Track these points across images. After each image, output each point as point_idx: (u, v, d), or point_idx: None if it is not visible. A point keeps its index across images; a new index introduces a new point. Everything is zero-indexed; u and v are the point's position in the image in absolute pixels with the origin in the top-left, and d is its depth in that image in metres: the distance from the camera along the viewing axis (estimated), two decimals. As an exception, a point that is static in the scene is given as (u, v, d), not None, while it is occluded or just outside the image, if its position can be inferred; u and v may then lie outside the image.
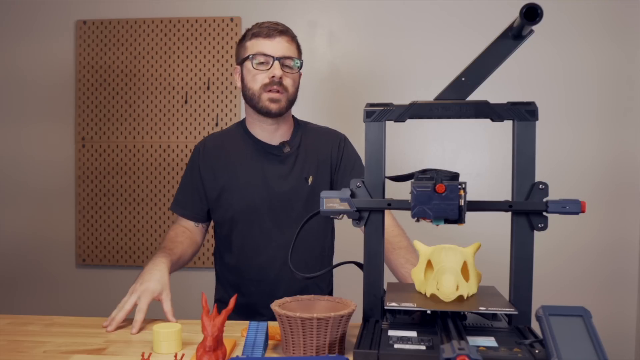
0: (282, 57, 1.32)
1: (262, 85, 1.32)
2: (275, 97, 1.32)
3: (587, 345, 0.70)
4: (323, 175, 1.40)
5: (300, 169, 1.39)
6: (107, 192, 2.44)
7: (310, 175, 1.38)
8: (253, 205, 1.37)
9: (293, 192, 1.37)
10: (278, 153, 1.38)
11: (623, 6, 2.23)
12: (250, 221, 1.38)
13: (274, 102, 1.32)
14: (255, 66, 1.31)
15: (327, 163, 1.41)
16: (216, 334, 0.84)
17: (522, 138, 0.91)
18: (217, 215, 1.43)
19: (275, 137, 1.40)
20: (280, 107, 1.33)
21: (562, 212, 0.88)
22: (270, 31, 1.32)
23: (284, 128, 1.41)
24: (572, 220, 2.06)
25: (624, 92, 2.25)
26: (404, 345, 0.80)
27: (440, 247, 0.95)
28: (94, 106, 2.44)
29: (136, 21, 2.42)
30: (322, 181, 1.40)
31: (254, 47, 1.33)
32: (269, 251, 1.38)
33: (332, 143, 1.43)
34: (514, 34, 0.89)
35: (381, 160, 0.94)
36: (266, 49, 1.31)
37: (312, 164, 1.39)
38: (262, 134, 1.40)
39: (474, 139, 2.30)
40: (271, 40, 1.32)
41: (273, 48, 1.31)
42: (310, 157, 1.40)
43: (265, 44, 1.31)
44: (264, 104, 1.32)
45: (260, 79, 1.32)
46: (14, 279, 2.50)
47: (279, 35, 1.32)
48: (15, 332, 1.09)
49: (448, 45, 2.29)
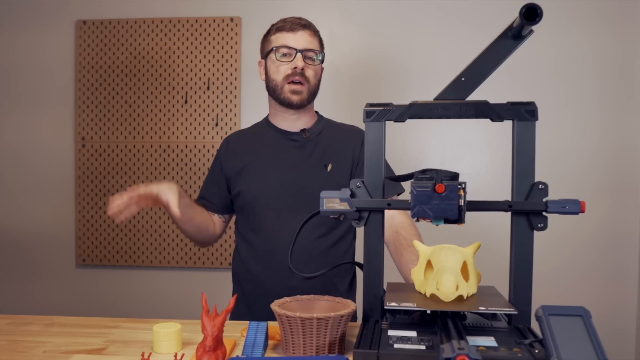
0: (304, 49, 1.37)
1: (284, 76, 1.37)
2: (298, 88, 1.37)
3: (587, 345, 0.70)
4: (342, 166, 1.41)
5: (319, 155, 1.41)
6: (107, 192, 2.44)
7: (329, 162, 1.40)
8: (269, 188, 1.39)
9: (311, 177, 1.38)
10: (297, 138, 1.42)
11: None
12: (266, 204, 1.39)
13: (296, 94, 1.37)
14: (279, 58, 1.37)
15: (349, 156, 1.42)
16: (216, 333, 0.84)
17: (522, 138, 0.91)
18: (236, 204, 1.46)
19: (297, 125, 1.44)
20: (302, 98, 1.38)
21: (561, 212, 0.88)
22: (294, 25, 1.38)
23: (306, 118, 1.45)
24: (572, 219, 2.07)
25: (623, 82, 2.24)
26: (403, 345, 0.80)
27: (440, 247, 0.95)
28: (94, 106, 2.44)
29: (136, 21, 2.42)
30: (342, 171, 1.40)
31: (277, 40, 1.38)
32: (283, 235, 1.37)
33: (356, 138, 1.44)
34: (513, 34, 0.89)
35: (381, 160, 0.94)
36: (289, 41, 1.37)
37: (332, 153, 1.41)
38: (284, 123, 1.45)
39: (474, 139, 2.30)
40: (294, 34, 1.37)
41: (296, 41, 1.37)
42: (330, 147, 1.42)
43: (289, 37, 1.37)
44: (286, 95, 1.38)
45: (283, 70, 1.37)
46: (14, 278, 2.50)
47: (301, 29, 1.38)
48: (15, 332, 1.09)
49: (448, 45, 2.29)
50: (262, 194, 1.39)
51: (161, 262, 2.42)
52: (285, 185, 1.38)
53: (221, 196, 1.47)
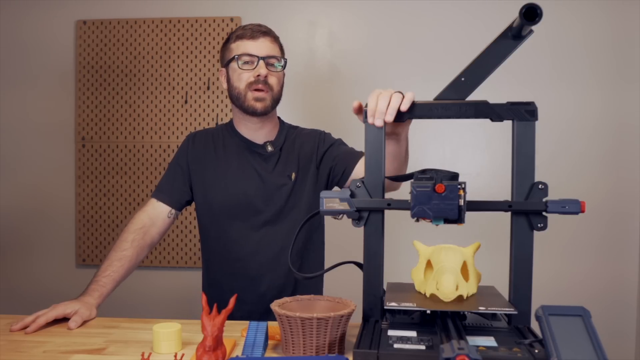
0: (266, 56, 1.36)
1: (247, 84, 1.36)
2: (261, 95, 1.36)
3: (587, 345, 0.70)
4: (306, 171, 1.43)
5: (283, 167, 1.42)
6: (107, 192, 2.44)
7: (293, 172, 1.42)
8: (236, 199, 1.40)
9: (276, 188, 1.40)
10: (262, 152, 1.42)
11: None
12: (234, 215, 1.40)
13: (259, 101, 1.36)
14: (241, 66, 1.36)
15: (312, 159, 1.44)
16: (216, 333, 0.84)
17: (522, 138, 0.91)
18: (200, 209, 1.45)
19: (260, 135, 1.44)
20: (266, 105, 1.37)
21: (561, 212, 0.88)
22: (254, 32, 1.37)
23: (269, 127, 1.44)
24: (572, 219, 2.07)
25: (624, 82, 2.24)
26: (403, 345, 0.80)
27: (440, 247, 0.95)
28: (94, 106, 2.44)
29: (136, 21, 2.42)
30: (307, 176, 1.43)
31: (238, 48, 1.37)
32: (251, 246, 1.40)
33: (314, 139, 1.46)
34: (513, 34, 0.89)
35: (381, 160, 0.94)
36: (250, 49, 1.35)
37: (295, 162, 1.43)
38: (247, 132, 1.44)
39: (474, 139, 2.30)
40: (255, 41, 1.36)
41: (257, 48, 1.36)
42: (292, 156, 1.44)
43: (250, 45, 1.36)
44: (250, 103, 1.37)
45: (245, 78, 1.36)
46: (14, 278, 2.50)
47: (262, 36, 1.37)
48: (15, 332, 1.09)
49: (448, 45, 2.29)
50: (229, 204, 1.40)
51: (161, 262, 2.42)
52: (250, 197, 1.39)
53: (183, 193, 1.45)
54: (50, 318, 1.12)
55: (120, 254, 1.33)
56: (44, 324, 1.11)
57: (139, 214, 1.41)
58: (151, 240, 1.40)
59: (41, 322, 1.10)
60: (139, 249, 1.36)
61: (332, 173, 1.42)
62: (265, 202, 1.40)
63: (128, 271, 1.34)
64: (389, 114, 0.94)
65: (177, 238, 2.42)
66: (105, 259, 1.33)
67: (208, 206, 1.43)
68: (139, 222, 1.39)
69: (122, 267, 1.32)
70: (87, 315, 1.16)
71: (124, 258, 1.33)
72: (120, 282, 1.33)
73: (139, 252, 1.36)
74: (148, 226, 1.39)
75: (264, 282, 1.40)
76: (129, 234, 1.36)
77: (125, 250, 1.34)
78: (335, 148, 1.44)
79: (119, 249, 1.34)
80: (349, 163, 1.38)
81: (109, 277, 1.29)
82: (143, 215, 1.40)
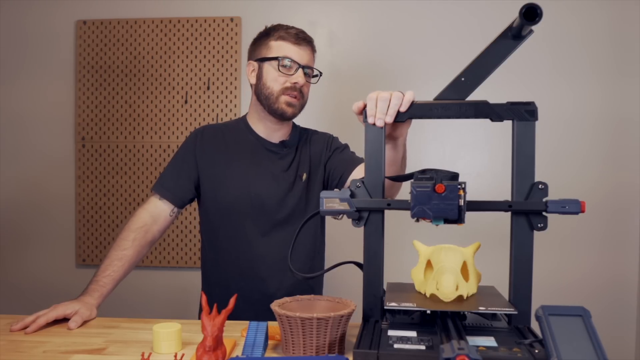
0: (306, 65, 1.37)
1: (282, 88, 1.36)
2: (293, 102, 1.37)
3: (587, 345, 0.70)
4: (316, 173, 1.44)
5: (296, 167, 1.43)
6: (107, 192, 2.44)
7: (304, 172, 1.43)
8: (248, 198, 1.39)
9: (289, 188, 1.40)
10: (278, 151, 1.43)
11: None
12: (245, 214, 1.39)
13: (291, 107, 1.37)
14: (280, 69, 1.35)
15: (320, 160, 1.45)
16: (216, 333, 0.84)
17: (522, 138, 0.91)
18: (209, 206, 1.43)
19: (276, 135, 1.44)
20: (294, 111, 1.39)
21: (561, 212, 0.88)
22: (298, 39, 1.37)
23: (286, 129, 1.46)
24: (572, 219, 2.07)
25: (624, 81, 2.24)
26: (403, 345, 0.80)
27: (440, 247, 0.96)
28: (94, 106, 2.44)
29: (136, 21, 2.42)
30: (315, 177, 1.44)
31: (281, 49, 1.36)
32: (260, 247, 1.39)
33: (323, 142, 1.49)
34: (513, 34, 0.89)
35: (381, 160, 0.94)
36: (293, 54, 1.36)
37: (306, 163, 1.44)
38: (264, 131, 1.44)
39: (474, 139, 2.30)
40: (298, 47, 1.37)
41: (300, 55, 1.36)
42: (304, 157, 1.45)
43: (293, 50, 1.36)
44: (281, 106, 1.37)
45: (282, 82, 1.36)
46: (14, 278, 2.50)
47: (305, 44, 1.38)
48: (15, 332, 1.09)
49: (448, 45, 2.29)
50: (242, 203, 1.38)
51: (161, 262, 2.42)
52: (262, 197, 1.38)
53: (187, 191, 1.42)
54: (51, 318, 1.12)
55: (121, 253, 1.32)
56: (44, 324, 1.11)
57: (141, 212, 1.39)
58: (152, 238, 1.39)
59: (41, 323, 1.10)
60: (139, 247, 1.36)
61: (330, 177, 1.43)
62: (278, 203, 1.39)
63: (128, 270, 1.34)
64: (389, 114, 0.94)
65: (177, 238, 2.42)
66: (106, 257, 1.32)
67: (218, 204, 1.41)
68: (140, 220, 1.38)
69: (122, 266, 1.31)
70: (87, 316, 1.16)
71: (124, 257, 1.32)
72: (121, 281, 1.32)
73: (139, 250, 1.36)
74: (150, 224, 1.38)
75: (273, 283, 1.39)
76: (130, 233, 1.35)
77: (126, 250, 1.33)
78: (338, 153, 1.45)
79: (119, 247, 1.33)
80: (346, 169, 1.39)
81: (109, 277, 1.29)
82: (145, 214, 1.39)
